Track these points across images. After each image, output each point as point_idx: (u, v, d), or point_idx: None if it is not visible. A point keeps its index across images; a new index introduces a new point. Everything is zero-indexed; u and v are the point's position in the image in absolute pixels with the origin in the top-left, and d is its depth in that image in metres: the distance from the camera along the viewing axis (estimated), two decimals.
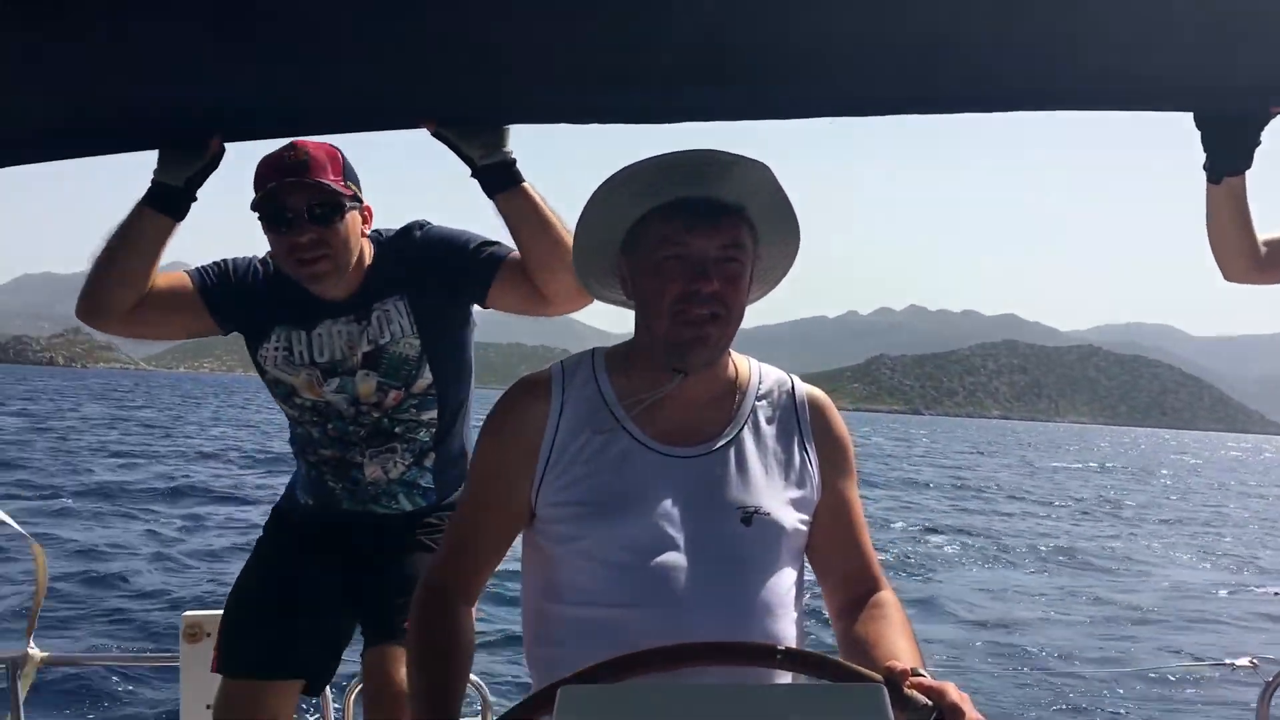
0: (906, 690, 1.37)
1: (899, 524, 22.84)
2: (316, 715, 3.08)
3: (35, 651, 2.97)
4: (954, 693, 1.36)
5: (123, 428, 44.36)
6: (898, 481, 37.60)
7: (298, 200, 2.44)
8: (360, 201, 2.54)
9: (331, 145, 2.50)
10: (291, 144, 2.45)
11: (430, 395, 2.68)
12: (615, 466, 1.73)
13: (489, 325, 3.04)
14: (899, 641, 1.63)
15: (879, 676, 1.37)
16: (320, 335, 2.62)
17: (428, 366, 2.65)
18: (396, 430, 2.68)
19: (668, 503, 1.70)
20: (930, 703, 1.36)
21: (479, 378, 2.85)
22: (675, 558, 1.67)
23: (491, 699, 3.01)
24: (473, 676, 2.98)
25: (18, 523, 2.88)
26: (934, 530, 22.16)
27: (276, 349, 2.65)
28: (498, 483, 1.79)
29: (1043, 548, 20.97)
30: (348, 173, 2.52)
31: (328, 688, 2.94)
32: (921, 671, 1.41)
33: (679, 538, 1.69)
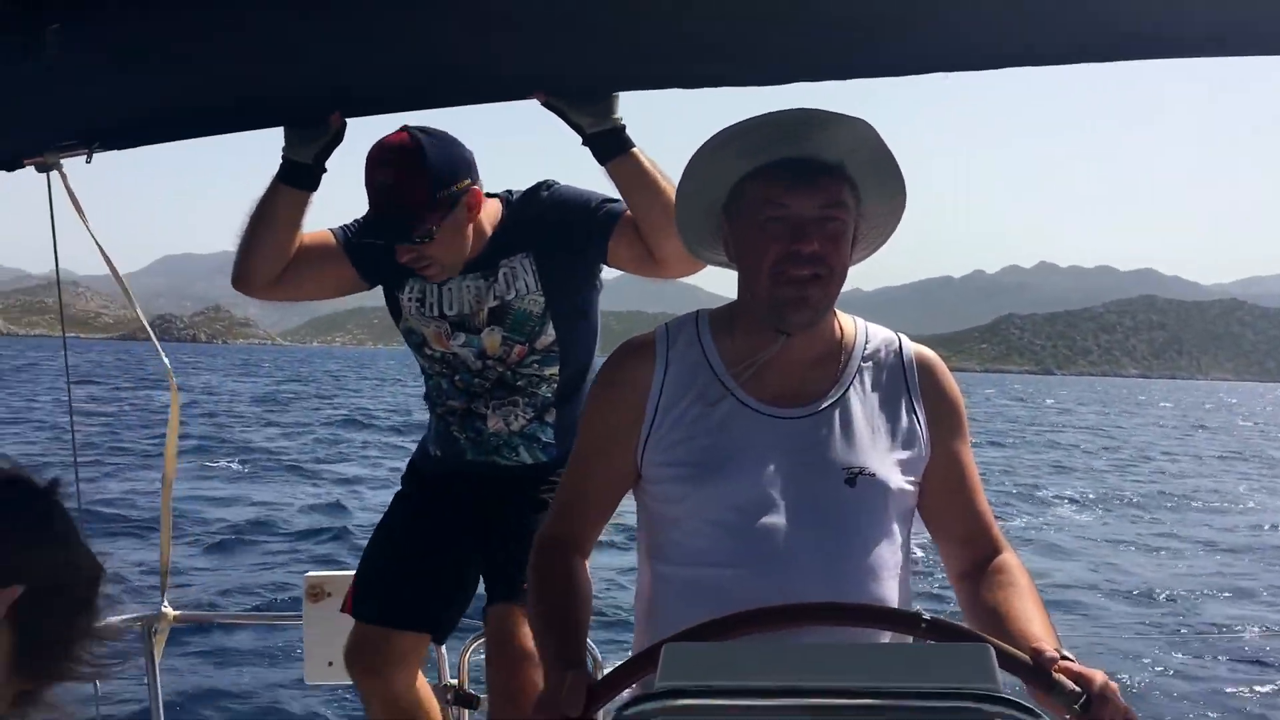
0: (1055, 675, 1.35)
1: (1036, 489, 22.24)
2: (434, 665, 3.17)
3: (168, 610, 3.08)
4: (1101, 680, 1.35)
5: (271, 398, 46.45)
6: (1026, 442, 36.61)
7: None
8: (463, 193, 2.56)
9: (429, 138, 2.51)
10: (379, 164, 2.48)
11: (553, 352, 2.74)
12: (719, 428, 1.73)
13: (610, 293, 3.08)
14: (1030, 612, 1.60)
15: (1027, 658, 1.35)
16: (450, 290, 2.72)
17: (551, 324, 2.72)
18: (519, 384, 2.76)
19: (772, 464, 1.70)
20: (1078, 689, 1.35)
21: (600, 345, 2.89)
22: (779, 519, 1.67)
23: (600, 657, 3.06)
24: None
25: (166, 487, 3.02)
26: (1071, 500, 21.46)
27: (410, 299, 2.76)
28: (604, 442, 1.81)
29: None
30: (440, 176, 2.51)
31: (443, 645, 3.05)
32: (1069, 656, 1.39)
33: (783, 499, 1.68)
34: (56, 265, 2.67)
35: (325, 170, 2.59)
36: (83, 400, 35.32)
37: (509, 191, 2.78)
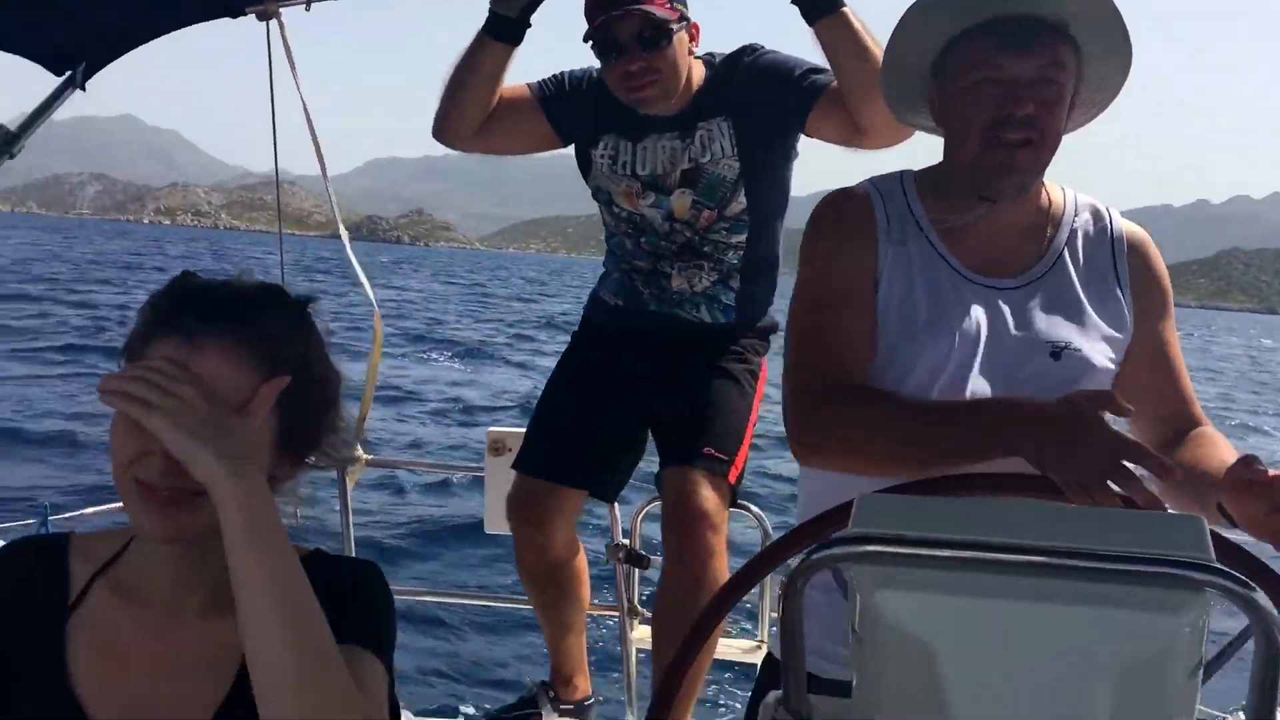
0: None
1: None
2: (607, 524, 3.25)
3: (362, 454, 3.31)
4: None
5: (472, 297, 48.56)
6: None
7: (626, 29, 2.52)
8: (687, 21, 2.59)
9: None
10: None
11: (742, 220, 2.73)
12: (926, 291, 1.67)
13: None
14: (1229, 458, 1.52)
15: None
16: (645, 148, 2.71)
17: (743, 191, 2.69)
18: (705, 249, 2.76)
19: (977, 332, 1.64)
20: None
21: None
22: (982, 387, 1.62)
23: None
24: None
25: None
26: None
27: (603, 156, 2.77)
28: (852, 282, 1.69)
29: None
30: None
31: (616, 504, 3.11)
32: (1263, 464, 1.35)
33: (987, 368, 1.63)
34: (273, 116, 2.80)
35: (530, 25, 2.61)
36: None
37: (711, 54, 2.75)
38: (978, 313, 1.65)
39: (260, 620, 1.02)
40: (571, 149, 2.88)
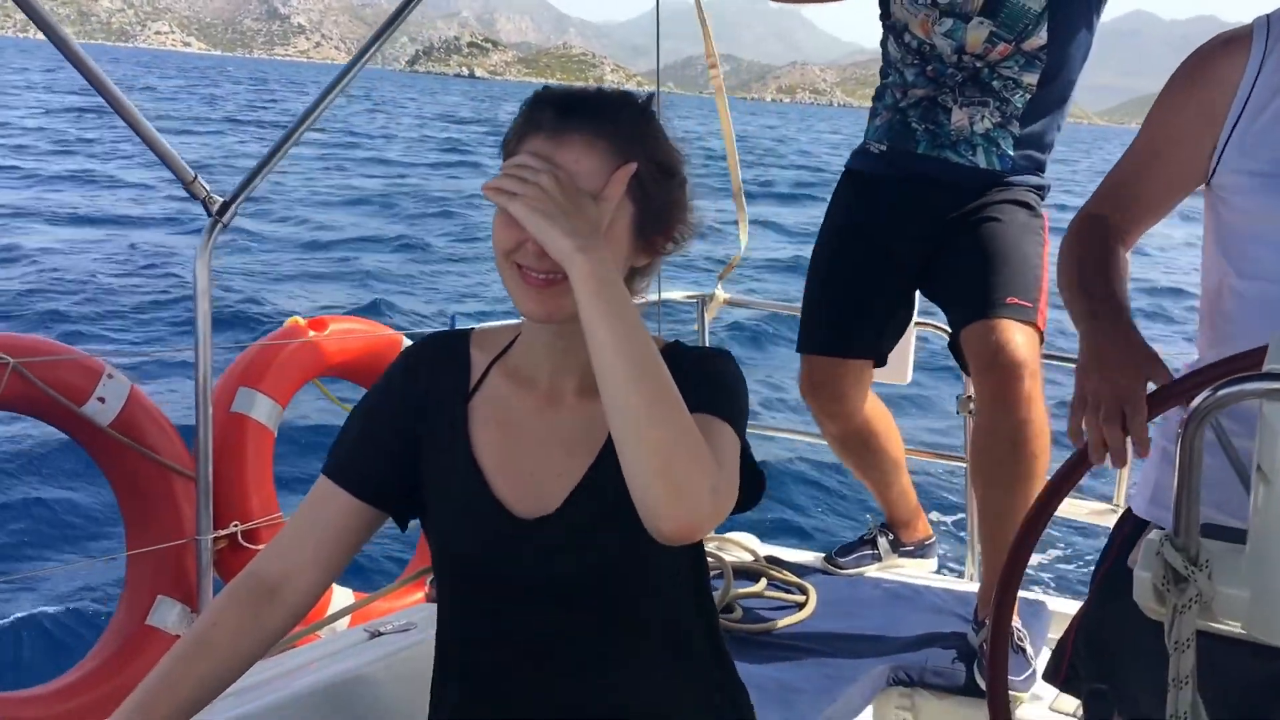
0: None
1: None
2: None
3: (720, 293, 3.65)
4: None
5: None
6: None
7: None
8: None
9: None
10: None
11: (1038, 59, 2.59)
12: None
13: None
14: None
15: None
16: None
17: (1046, 26, 2.56)
18: (994, 85, 2.63)
19: None
20: None
21: None
22: None
23: None
24: None
25: None
26: None
27: None
28: (1165, 144, 1.64)
29: None
30: None
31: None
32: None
33: None
34: None
35: None
36: None
37: None
38: None
39: (610, 371, 1.13)
40: None
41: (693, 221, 1.36)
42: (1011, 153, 2.67)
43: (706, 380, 1.29)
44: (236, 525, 3.24)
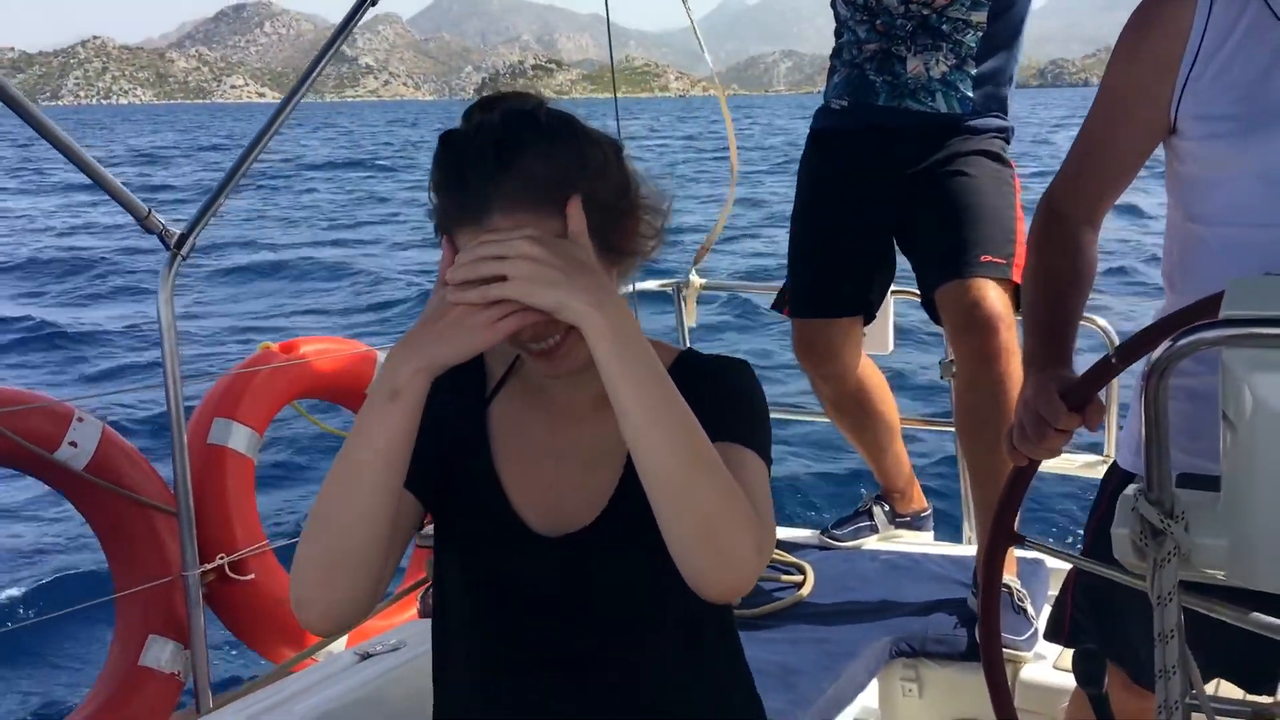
0: None
1: None
2: None
3: (695, 279, 3.60)
4: None
5: None
6: None
7: None
8: None
9: None
10: None
11: None
12: (1268, 74, 1.48)
13: None
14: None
15: None
16: None
17: None
18: (943, 29, 2.64)
19: None
20: None
21: None
22: None
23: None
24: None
25: None
26: None
27: None
28: (1127, 97, 1.61)
29: None
30: None
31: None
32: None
33: None
34: None
35: None
36: None
37: None
38: None
39: (642, 439, 1.08)
40: None
41: (659, 229, 1.26)
42: (971, 94, 2.68)
43: (726, 402, 1.24)
44: (223, 557, 3.19)
